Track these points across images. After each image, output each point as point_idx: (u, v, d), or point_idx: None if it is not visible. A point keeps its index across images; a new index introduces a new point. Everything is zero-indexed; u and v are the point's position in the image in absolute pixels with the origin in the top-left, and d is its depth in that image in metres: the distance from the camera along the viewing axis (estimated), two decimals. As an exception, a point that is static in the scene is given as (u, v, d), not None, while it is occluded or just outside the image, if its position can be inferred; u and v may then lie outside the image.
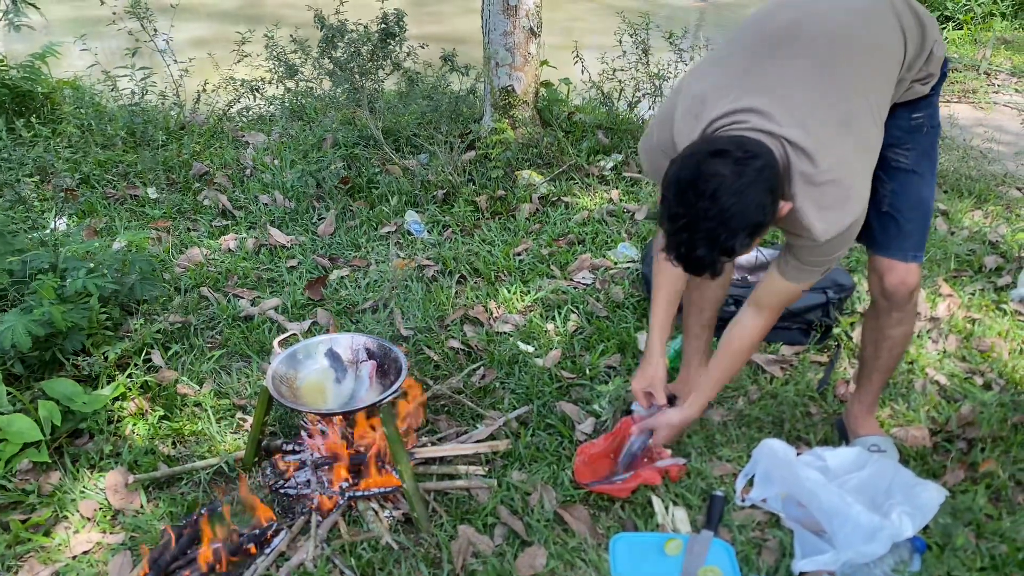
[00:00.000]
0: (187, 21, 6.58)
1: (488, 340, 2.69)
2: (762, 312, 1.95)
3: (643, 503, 2.05)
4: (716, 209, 1.49)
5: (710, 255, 1.54)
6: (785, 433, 2.29)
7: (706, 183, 1.50)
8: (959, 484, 2.09)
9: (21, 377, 2.37)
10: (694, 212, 1.51)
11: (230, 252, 3.21)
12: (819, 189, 1.62)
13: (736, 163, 1.50)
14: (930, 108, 1.90)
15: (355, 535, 1.96)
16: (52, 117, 4.25)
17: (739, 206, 1.49)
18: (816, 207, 1.63)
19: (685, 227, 1.53)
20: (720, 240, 1.52)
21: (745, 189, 1.50)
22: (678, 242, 1.56)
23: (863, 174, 1.70)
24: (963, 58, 5.80)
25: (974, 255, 3.16)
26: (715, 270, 1.58)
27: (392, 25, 3.61)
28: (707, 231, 1.51)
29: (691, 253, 1.55)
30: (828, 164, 1.60)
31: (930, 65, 1.82)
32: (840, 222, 1.66)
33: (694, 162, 1.53)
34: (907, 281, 1.96)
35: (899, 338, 2.07)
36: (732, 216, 1.50)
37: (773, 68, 1.67)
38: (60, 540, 1.96)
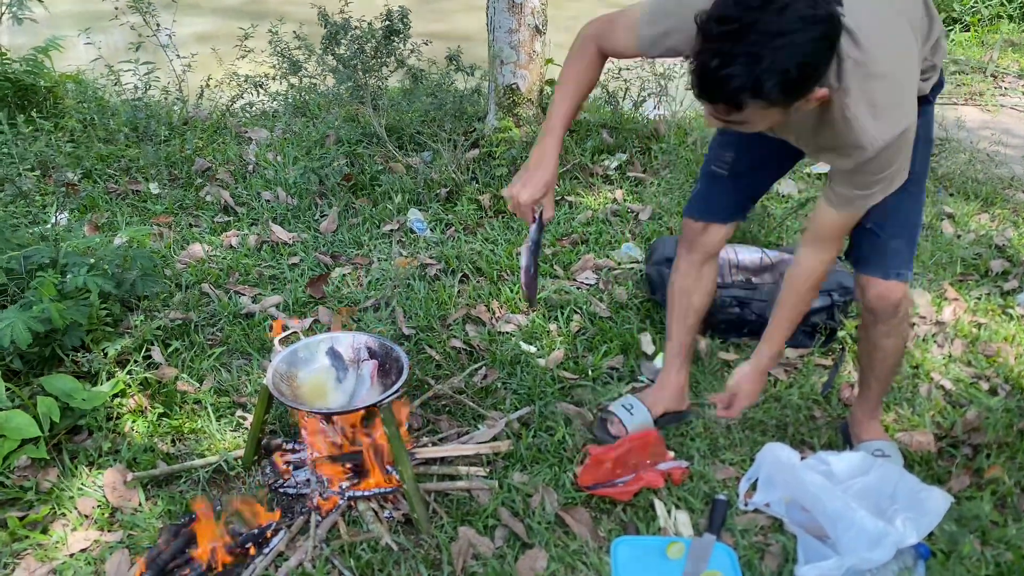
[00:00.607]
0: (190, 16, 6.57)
1: (490, 340, 2.67)
2: (821, 246, 1.80)
3: (645, 506, 2.03)
4: (776, 25, 1.31)
5: (740, 78, 1.33)
6: (789, 437, 2.27)
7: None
8: (964, 490, 2.07)
9: (20, 373, 2.36)
10: (750, 19, 1.31)
11: (232, 249, 3.20)
12: (872, 81, 1.48)
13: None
14: (925, 116, 1.82)
15: (355, 535, 1.94)
16: (54, 111, 4.23)
17: (800, 36, 1.32)
18: (868, 104, 1.49)
19: (731, 35, 1.33)
20: (761, 65, 1.32)
21: (815, 23, 1.33)
22: (714, 51, 1.35)
23: (911, 79, 1.55)
24: (970, 60, 5.77)
25: (980, 259, 3.14)
26: (736, 101, 1.38)
27: (396, 22, 3.60)
28: (753, 46, 1.32)
29: (722, 68, 1.34)
30: (880, 56, 1.47)
31: (936, 54, 1.76)
32: (894, 126, 1.52)
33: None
34: (888, 297, 1.92)
35: (890, 349, 2.05)
36: (788, 44, 1.31)
37: None
38: (58, 538, 1.95)
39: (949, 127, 4.32)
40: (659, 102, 4.28)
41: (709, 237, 2.14)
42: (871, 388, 2.15)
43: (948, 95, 5.16)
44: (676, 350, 2.27)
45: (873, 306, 1.96)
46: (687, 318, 2.23)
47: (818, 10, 1.34)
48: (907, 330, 2.07)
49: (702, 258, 2.17)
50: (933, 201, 3.60)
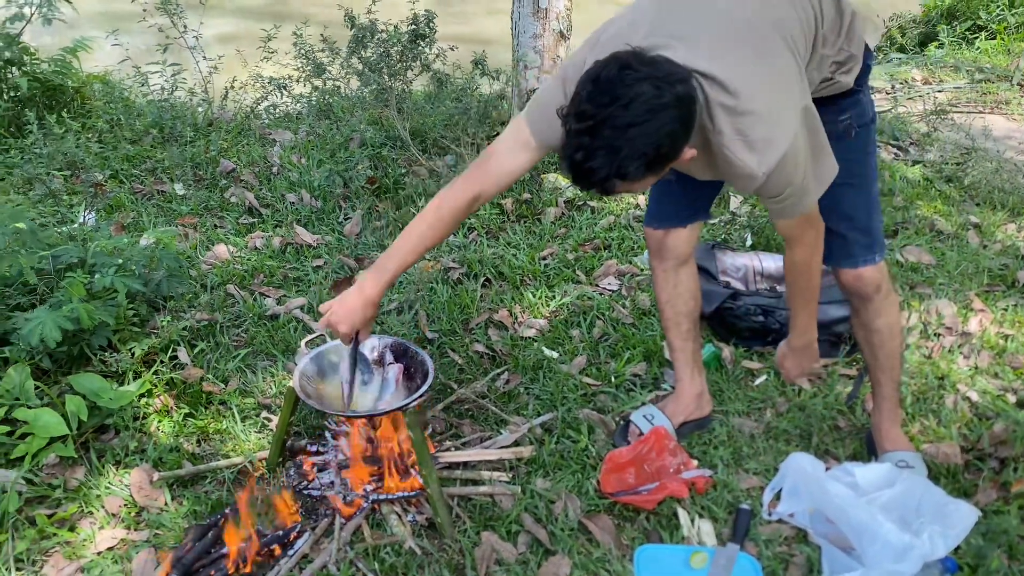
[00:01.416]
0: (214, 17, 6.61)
1: (513, 345, 2.68)
2: (790, 242, 1.85)
3: (669, 515, 2.03)
4: (626, 119, 1.41)
5: (604, 169, 1.44)
6: (813, 447, 2.26)
7: (626, 88, 1.41)
8: (991, 504, 2.05)
9: (49, 372, 2.39)
10: (603, 115, 1.42)
11: (256, 250, 3.22)
12: (742, 119, 1.54)
13: (662, 80, 1.43)
14: (857, 107, 1.85)
15: (378, 538, 1.95)
16: (82, 111, 4.28)
17: (650, 125, 1.42)
18: (743, 142, 1.56)
19: (588, 130, 1.44)
20: (619, 156, 1.43)
21: (661, 110, 1.42)
22: (576, 146, 1.45)
23: (786, 104, 1.60)
24: (996, 69, 5.72)
25: (1007, 270, 3.11)
26: (604, 187, 1.48)
27: (422, 26, 3.61)
28: (609, 140, 1.42)
29: (585, 161, 1.45)
30: (747, 95, 1.53)
31: (851, 43, 1.76)
32: (772, 155, 1.56)
33: (619, 65, 1.44)
34: (863, 278, 1.98)
35: (884, 330, 2.07)
36: (640, 134, 1.42)
37: (682, 14, 1.62)
38: (85, 536, 1.97)
39: (976, 136, 4.28)
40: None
41: (673, 241, 2.14)
42: (882, 385, 2.15)
43: (973, 103, 5.12)
44: (682, 359, 2.28)
45: (853, 290, 2.02)
46: (680, 325, 2.24)
47: (663, 97, 1.42)
48: (896, 309, 2.09)
49: (675, 264, 2.18)
50: (959, 210, 3.57)
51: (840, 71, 1.79)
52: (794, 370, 2.15)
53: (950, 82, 5.50)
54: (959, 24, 6.53)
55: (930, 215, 3.52)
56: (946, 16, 6.67)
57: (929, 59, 5.95)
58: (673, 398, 2.31)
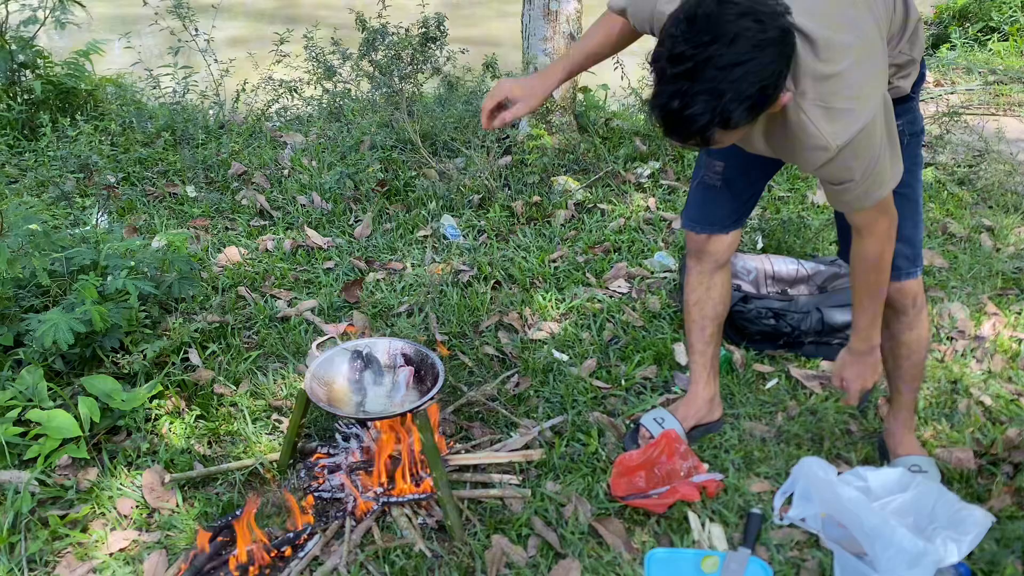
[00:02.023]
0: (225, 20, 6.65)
1: (522, 347, 2.67)
2: (860, 231, 1.74)
3: (679, 519, 2.02)
4: (731, 57, 1.29)
5: (706, 115, 1.33)
6: (825, 451, 2.25)
7: (727, 24, 1.29)
8: (1005, 509, 2.04)
9: (62, 373, 2.40)
10: (703, 55, 1.30)
11: (267, 252, 3.23)
12: (827, 84, 1.47)
13: (764, 15, 1.32)
14: (910, 113, 1.82)
15: (388, 541, 1.95)
16: (95, 114, 4.31)
17: (756, 63, 1.30)
18: (823, 111, 1.48)
19: (687, 73, 1.31)
20: (724, 99, 1.31)
21: (768, 46, 1.31)
22: (673, 92, 1.33)
23: (871, 80, 1.53)
24: (1009, 70, 5.68)
25: (1020, 273, 3.08)
26: (705, 138, 1.37)
27: (433, 29, 3.61)
28: (712, 82, 1.30)
29: (684, 108, 1.33)
30: (836, 60, 1.46)
31: (913, 48, 1.73)
32: (850, 126, 1.50)
33: (717, 1, 1.32)
34: (903, 290, 1.95)
35: (913, 344, 2.04)
36: (745, 72, 1.30)
37: None
38: (97, 537, 1.98)
39: (989, 138, 4.25)
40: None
41: (714, 246, 2.13)
42: (901, 393, 2.13)
43: (986, 105, 5.09)
44: (701, 362, 2.27)
45: (891, 301, 1.96)
46: (704, 329, 2.22)
47: (768, 32, 1.32)
48: (927, 323, 2.06)
49: (712, 268, 2.16)
50: (972, 214, 3.55)
51: (899, 75, 1.75)
52: (855, 382, 1.92)
53: (962, 84, 5.47)
54: (971, 26, 6.49)
55: (942, 218, 3.50)
56: (958, 18, 6.64)
57: (941, 61, 5.92)
58: (685, 401, 2.30)
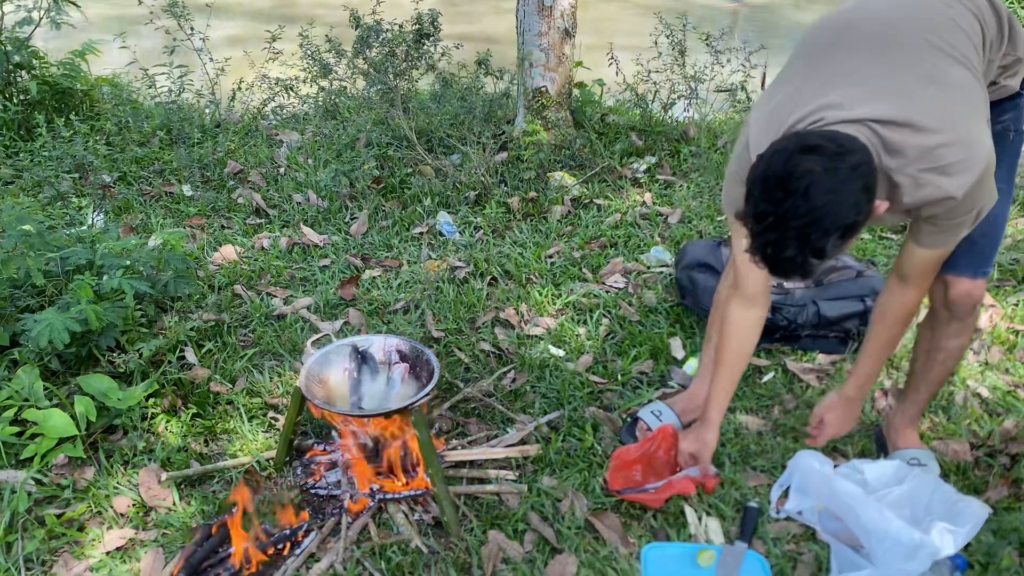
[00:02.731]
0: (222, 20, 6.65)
1: (519, 343, 2.67)
2: (910, 286, 1.81)
3: (676, 513, 2.02)
4: (807, 207, 1.41)
5: (799, 256, 1.45)
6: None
7: (797, 180, 1.42)
8: (1002, 500, 2.04)
9: (58, 373, 2.40)
10: (783, 210, 1.43)
11: (263, 250, 3.23)
12: (935, 153, 1.51)
13: (829, 159, 1.42)
14: (1017, 110, 1.80)
15: (385, 538, 1.95)
16: (91, 114, 4.30)
17: (832, 205, 1.41)
18: (936, 173, 1.53)
19: (773, 226, 1.45)
20: (811, 240, 1.43)
21: (839, 187, 1.41)
22: (765, 242, 1.48)
23: (974, 120, 1.57)
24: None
25: (1018, 264, 3.08)
26: (805, 271, 1.48)
27: (427, 26, 3.61)
28: (797, 230, 1.43)
29: (779, 254, 1.47)
30: (931, 126, 1.50)
31: (1017, 47, 1.72)
32: (970, 175, 1.53)
33: (783, 157, 1.45)
34: (973, 294, 1.90)
35: (954, 351, 2.02)
36: (825, 215, 1.41)
37: (836, 64, 1.60)
38: (94, 535, 1.98)
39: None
40: (689, 104, 4.26)
41: None
42: (919, 393, 2.11)
43: None
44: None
45: (954, 304, 1.92)
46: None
47: (839, 173, 1.41)
48: (971, 335, 2.03)
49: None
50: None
51: (1005, 75, 1.75)
52: (832, 428, 2.03)
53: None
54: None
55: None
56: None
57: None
58: (685, 395, 2.30)
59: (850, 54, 1.60)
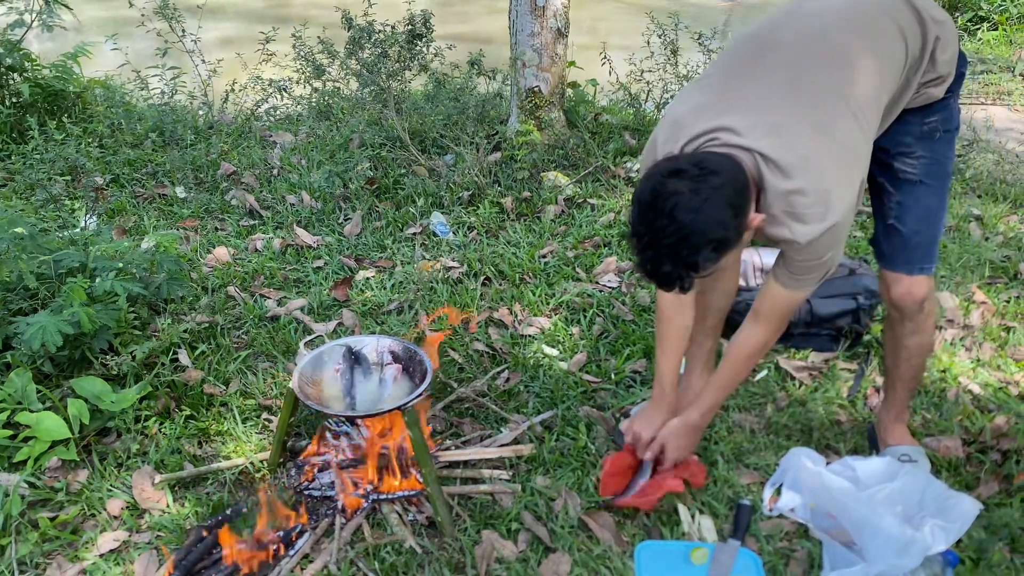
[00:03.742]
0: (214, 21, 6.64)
1: (512, 343, 2.68)
2: (760, 323, 1.89)
3: (669, 511, 2.03)
4: (674, 227, 1.52)
5: (675, 271, 1.57)
6: (814, 441, 2.25)
7: (664, 201, 1.53)
8: (993, 496, 2.04)
9: (51, 375, 2.40)
10: (654, 230, 1.54)
11: (257, 252, 3.23)
12: (790, 199, 1.61)
13: (693, 180, 1.53)
14: (945, 111, 1.84)
15: (379, 538, 1.95)
16: (83, 116, 4.30)
17: (697, 223, 1.52)
18: (790, 217, 1.64)
19: (648, 245, 1.57)
20: (683, 256, 1.54)
21: (702, 206, 1.52)
22: (644, 259, 1.59)
23: (844, 178, 1.65)
24: (998, 60, 5.70)
25: (1009, 261, 3.09)
26: (683, 285, 1.60)
27: (419, 26, 3.61)
28: (669, 247, 1.54)
29: (657, 269, 1.58)
30: (800, 173, 1.60)
31: (937, 66, 1.76)
32: (818, 226, 1.63)
33: (653, 182, 1.56)
34: (913, 292, 1.94)
35: (914, 348, 2.05)
36: (691, 232, 1.52)
37: (747, 85, 1.68)
38: (87, 538, 1.97)
39: (977, 127, 4.26)
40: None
41: None
42: (896, 391, 2.13)
43: (975, 95, 5.10)
44: (698, 354, 2.27)
45: (898, 303, 1.98)
46: (706, 320, 2.23)
47: (701, 193, 1.52)
48: (932, 328, 2.06)
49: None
50: (960, 203, 3.56)
51: (927, 87, 1.79)
52: (675, 452, 2.04)
53: (952, 74, 5.47)
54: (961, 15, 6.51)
55: (931, 208, 3.50)
56: (948, 7, 6.65)
57: (931, 51, 5.92)
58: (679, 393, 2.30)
59: (762, 79, 1.68)
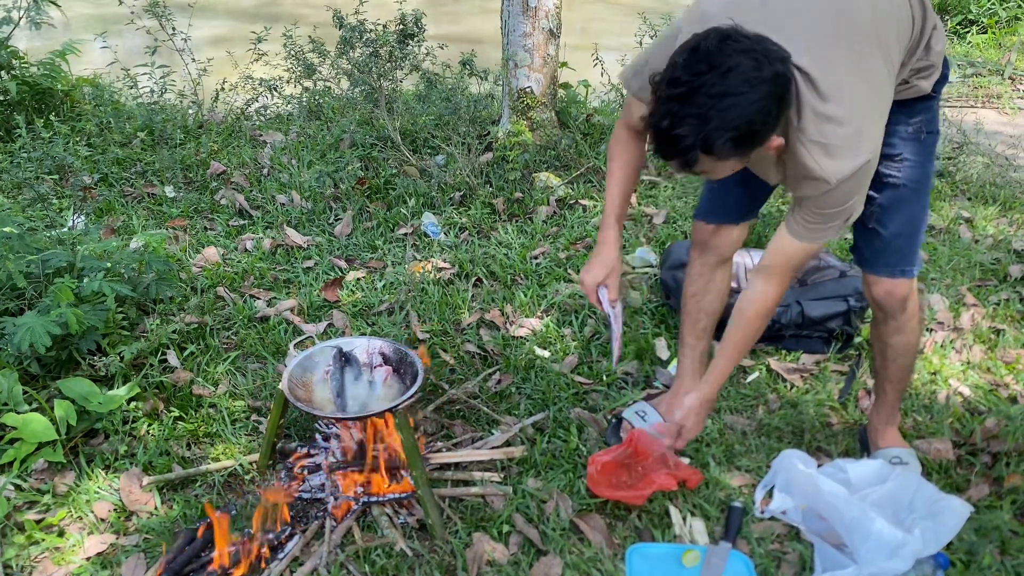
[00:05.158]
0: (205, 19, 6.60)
1: (504, 344, 2.67)
2: (772, 277, 1.83)
3: (660, 513, 2.02)
4: (721, 87, 1.40)
5: (690, 138, 1.43)
6: (805, 444, 2.25)
7: (725, 58, 1.40)
8: (983, 499, 2.05)
9: (37, 376, 2.37)
10: (698, 83, 1.41)
11: (247, 252, 3.21)
12: (824, 127, 1.54)
13: (760, 55, 1.41)
14: (929, 112, 1.83)
15: (369, 541, 1.94)
16: (71, 115, 4.27)
17: (745, 98, 1.40)
18: (821, 150, 1.56)
19: (680, 97, 1.42)
20: (708, 125, 1.41)
21: (758, 84, 1.41)
22: (664, 112, 1.45)
23: (873, 117, 1.61)
24: (988, 63, 5.72)
25: (999, 264, 3.11)
26: (687, 159, 1.47)
27: (410, 26, 3.60)
28: (700, 108, 1.41)
29: (672, 128, 1.44)
30: (837, 99, 1.53)
31: (930, 54, 1.75)
32: (851, 162, 1.57)
33: (720, 36, 1.43)
34: (894, 293, 1.94)
35: (900, 348, 2.05)
36: (734, 104, 1.40)
37: (787, 4, 1.60)
38: (74, 541, 1.95)
39: (967, 130, 4.28)
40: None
41: (721, 239, 2.13)
42: (886, 392, 2.14)
43: (965, 97, 5.12)
44: (690, 356, 2.26)
45: (880, 302, 1.98)
46: (699, 322, 2.22)
47: (762, 71, 1.41)
48: (917, 328, 2.06)
49: (716, 261, 2.17)
50: (950, 205, 3.57)
51: (917, 76, 1.77)
52: (693, 431, 2.04)
53: (942, 77, 5.49)
54: (950, 18, 6.54)
55: (922, 210, 3.52)
56: (937, 10, 6.68)
57: (921, 54, 5.95)
58: (669, 396, 2.30)
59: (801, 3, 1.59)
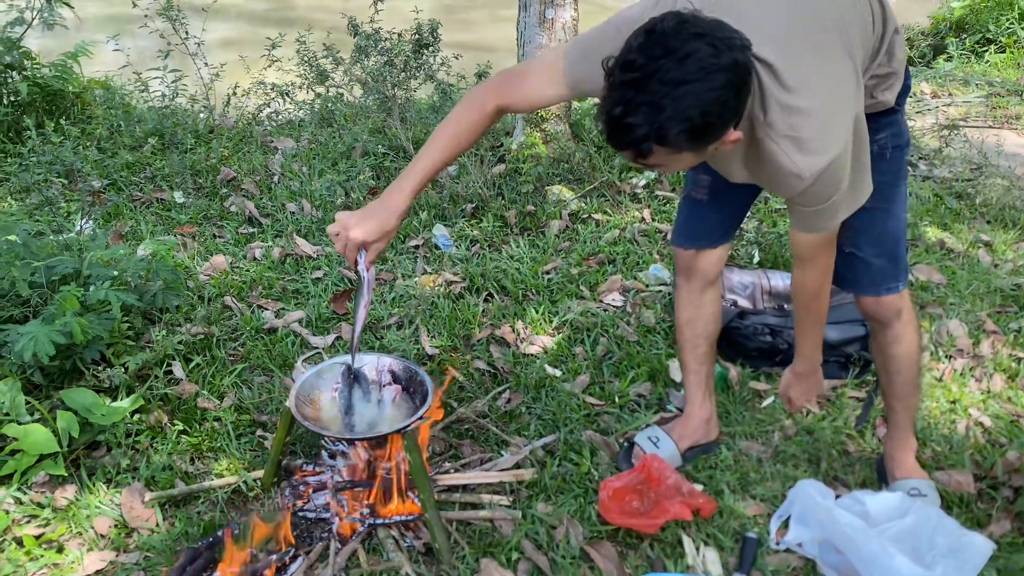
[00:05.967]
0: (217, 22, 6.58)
1: (515, 362, 2.62)
2: (806, 265, 1.79)
3: (673, 543, 1.97)
4: (677, 73, 1.31)
5: (643, 128, 1.34)
6: (822, 472, 2.20)
7: (682, 43, 1.31)
8: (1005, 535, 1.99)
9: (40, 386, 2.33)
10: (652, 67, 1.32)
11: (255, 261, 3.17)
12: (793, 120, 1.48)
13: (719, 42, 1.33)
14: (895, 126, 1.80)
15: (374, 564, 1.90)
16: (82, 117, 4.24)
17: (701, 85, 1.31)
18: (794, 141, 1.49)
19: (633, 82, 1.34)
20: (663, 115, 1.32)
21: (716, 72, 1.32)
22: (618, 99, 1.35)
23: (841, 109, 1.53)
24: (1006, 83, 5.66)
25: (1020, 290, 3.05)
26: (640, 149, 1.38)
27: (426, 35, 3.57)
28: (654, 95, 1.32)
29: (624, 116, 1.35)
30: (802, 90, 1.47)
31: (892, 60, 1.70)
32: (823, 156, 1.50)
33: (678, 19, 1.35)
34: (884, 307, 1.94)
35: (901, 359, 2.01)
36: (689, 92, 1.31)
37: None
38: (73, 557, 1.91)
39: (987, 152, 4.23)
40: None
41: (702, 262, 2.10)
42: (896, 412, 2.09)
43: (983, 118, 5.07)
44: (695, 381, 2.23)
45: (873, 315, 1.98)
46: (697, 348, 2.19)
47: (720, 58, 1.33)
48: (915, 337, 2.02)
49: (701, 285, 2.14)
50: (970, 229, 3.52)
51: (880, 87, 1.73)
52: (799, 399, 2.09)
53: (960, 96, 5.45)
54: (968, 37, 6.48)
55: (940, 233, 3.47)
56: (955, 29, 6.63)
57: (938, 72, 5.91)
58: (681, 421, 2.25)
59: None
